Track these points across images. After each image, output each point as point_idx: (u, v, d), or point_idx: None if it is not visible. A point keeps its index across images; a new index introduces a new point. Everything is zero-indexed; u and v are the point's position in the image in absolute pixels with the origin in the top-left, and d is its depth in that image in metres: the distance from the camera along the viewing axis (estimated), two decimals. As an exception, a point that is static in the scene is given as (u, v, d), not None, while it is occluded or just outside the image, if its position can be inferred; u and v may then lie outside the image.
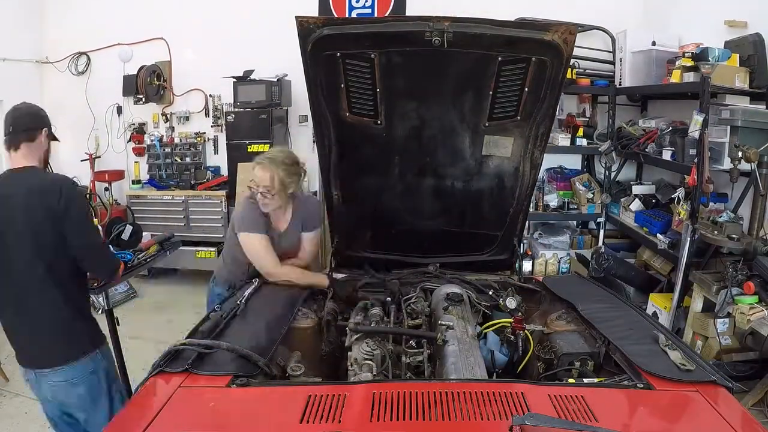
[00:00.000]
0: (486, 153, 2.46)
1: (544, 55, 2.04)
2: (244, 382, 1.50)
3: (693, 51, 3.60)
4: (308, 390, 1.46)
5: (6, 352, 3.95)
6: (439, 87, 2.24)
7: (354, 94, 2.25)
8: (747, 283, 2.98)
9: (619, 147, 4.45)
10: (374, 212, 2.73)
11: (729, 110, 3.15)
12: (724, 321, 3.15)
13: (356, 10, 5.15)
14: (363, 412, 1.34)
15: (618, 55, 4.70)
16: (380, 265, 2.70)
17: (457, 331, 1.90)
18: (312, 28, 1.98)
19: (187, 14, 5.65)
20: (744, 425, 1.35)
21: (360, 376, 1.65)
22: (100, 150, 6.01)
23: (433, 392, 1.40)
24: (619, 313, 2.04)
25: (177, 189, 5.60)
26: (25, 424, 3.14)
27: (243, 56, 5.28)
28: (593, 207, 4.89)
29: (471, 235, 2.77)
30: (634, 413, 1.46)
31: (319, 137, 2.41)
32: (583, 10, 4.79)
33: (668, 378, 1.51)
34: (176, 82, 5.85)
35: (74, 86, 5.90)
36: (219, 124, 5.77)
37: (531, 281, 2.66)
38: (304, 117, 5.59)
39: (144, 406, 1.43)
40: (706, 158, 3.26)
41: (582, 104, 5.24)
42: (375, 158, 2.52)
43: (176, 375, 1.52)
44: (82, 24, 5.82)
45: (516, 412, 1.30)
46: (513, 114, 2.29)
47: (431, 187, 2.61)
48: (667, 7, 4.70)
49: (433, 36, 1.93)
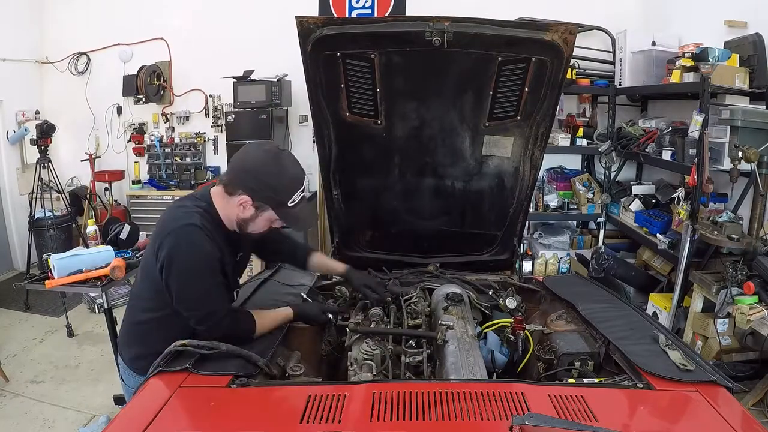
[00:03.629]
0: (486, 153, 2.46)
1: (544, 55, 2.05)
2: (244, 382, 1.50)
3: (693, 51, 3.60)
4: (308, 390, 1.45)
5: (6, 352, 3.95)
6: (439, 87, 2.24)
7: (354, 94, 2.25)
8: (747, 283, 2.98)
9: (619, 147, 4.45)
10: (374, 212, 2.73)
11: (729, 110, 3.15)
12: (724, 321, 3.15)
13: (356, 10, 5.15)
14: (363, 412, 1.34)
15: (618, 56, 4.70)
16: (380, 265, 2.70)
17: (457, 331, 1.90)
18: (312, 28, 1.98)
19: (187, 14, 5.65)
20: (744, 425, 1.35)
21: (360, 376, 1.65)
22: (100, 150, 6.02)
23: (433, 392, 1.40)
24: (619, 313, 2.03)
25: (177, 189, 5.60)
26: (25, 424, 3.14)
27: (243, 56, 5.28)
28: (593, 207, 4.89)
29: (471, 235, 2.77)
30: (634, 413, 1.46)
31: (319, 137, 2.41)
32: (583, 10, 4.79)
33: (668, 378, 1.50)
34: (176, 82, 5.86)
35: (74, 86, 5.90)
36: (219, 124, 5.77)
37: (531, 281, 2.66)
38: (304, 117, 5.59)
39: (144, 406, 1.43)
40: (706, 158, 3.27)
41: (582, 104, 5.25)
42: (375, 158, 2.52)
43: (176, 375, 1.52)
44: (82, 24, 5.83)
45: (516, 412, 1.29)
46: (513, 114, 2.30)
47: (431, 187, 2.61)
48: (667, 7, 4.71)
49: (433, 36, 1.93)
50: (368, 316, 2.07)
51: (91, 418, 3.18)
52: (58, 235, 5.34)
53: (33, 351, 4.06)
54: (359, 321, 2.03)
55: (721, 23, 3.79)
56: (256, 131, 5.13)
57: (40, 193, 5.15)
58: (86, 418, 3.19)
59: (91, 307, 4.66)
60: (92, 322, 4.51)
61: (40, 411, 3.26)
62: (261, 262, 4.84)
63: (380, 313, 2.06)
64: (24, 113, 5.74)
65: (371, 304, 2.16)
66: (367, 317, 2.07)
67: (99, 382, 3.57)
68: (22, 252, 5.57)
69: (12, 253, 5.87)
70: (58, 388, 3.53)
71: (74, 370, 3.77)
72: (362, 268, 2.73)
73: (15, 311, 4.74)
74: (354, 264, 2.81)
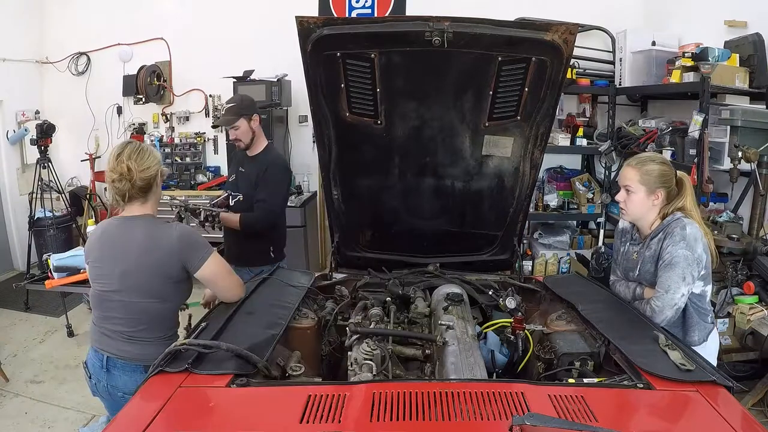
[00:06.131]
0: (486, 153, 2.46)
1: (544, 55, 2.04)
2: (244, 382, 1.50)
3: (693, 51, 3.60)
4: (308, 390, 1.45)
5: (6, 352, 3.95)
6: (439, 87, 2.24)
7: (354, 94, 2.25)
8: (747, 283, 2.98)
9: (619, 147, 4.45)
10: (374, 212, 2.73)
11: (729, 110, 3.15)
12: (724, 321, 3.14)
13: (356, 10, 5.15)
14: (363, 412, 1.34)
15: (618, 55, 4.70)
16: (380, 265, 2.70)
17: (457, 331, 1.90)
18: (312, 28, 1.98)
19: (187, 14, 5.66)
20: (744, 425, 1.35)
21: (360, 376, 1.64)
22: (100, 150, 6.02)
23: (433, 392, 1.40)
24: (619, 313, 2.03)
25: (177, 189, 5.60)
26: (25, 424, 3.14)
27: (243, 56, 5.29)
28: (593, 207, 4.89)
29: (471, 235, 2.77)
30: (634, 413, 1.46)
31: (319, 137, 2.41)
32: (583, 10, 4.79)
33: (668, 378, 1.50)
34: (176, 82, 5.86)
35: (74, 86, 5.90)
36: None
37: (531, 281, 2.66)
38: (304, 117, 5.59)
39: (144, 406, 1.43)
40: (706, 158, 3.27)
41: (582, 104, 5.25)
42: (375, 158, 2.52)
43: (176, 375, 1.52)
44: (82, 24, 5.83)
45: (516, 412, 1.29)
46: (513, 114, 2.29)
47: (431, 187, 2.61)
48: (667, 7, 4.71)
49: (433, 36, 1.93)
50: (368, 316, 2.07)
51: (91, 418, 3.18)
52: (58, 235, 5.35)
53: (33, 351, 4.06)
54: (359, 321, 2.02)
55: (721, 23, 3.79)
56: (256, 131, 5.12)
57: (40, 193, 5.15)
58: (86, 418, 3.19)
59: (91, 307, 4.65)
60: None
61: (40, 411, 3.26)
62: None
63: (380, 313, 2.06)
64: (24, 113, 5.74)
65: (371, 304, 2.16)
66: (367, 317, 2.06)
67: (99, 382, 3.57)
68: (22, 252, 5.57)
69: (12, 253, 5.87)
70: (58, 388, 3.53)
71: (74, 370, 3.76)
72: (362, 268, 2.74)
73: (15, 311, 4.75)
74: (354, 264, 2.82)
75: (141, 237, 1.92)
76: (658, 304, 1.95)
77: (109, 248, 1.95)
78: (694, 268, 1.95)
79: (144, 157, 1.94)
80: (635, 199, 2.09)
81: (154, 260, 1.90)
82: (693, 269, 1.95)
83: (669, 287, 1.94)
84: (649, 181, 2.06)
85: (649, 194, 2.07)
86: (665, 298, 1.94)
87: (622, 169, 2.20)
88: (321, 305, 2.33)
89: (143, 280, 1.91)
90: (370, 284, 2.52)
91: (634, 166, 2.11)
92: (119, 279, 1.91)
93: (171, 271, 1.93)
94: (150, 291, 1.93)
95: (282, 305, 2.10)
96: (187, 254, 1.94)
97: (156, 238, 1.92)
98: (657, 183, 2.06)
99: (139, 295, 1.92)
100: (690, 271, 1.94)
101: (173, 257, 1.92)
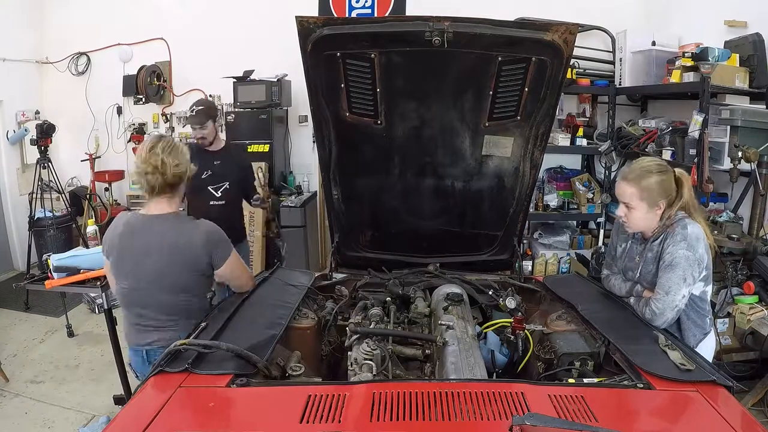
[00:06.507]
0: (486, 153, 2.46)
1: (544, 55, 2.05)
2: (244, 382, 1.50)
3: (693, 51, 3.60)
4: (308, 390, 1.45)
5: (6, 353, 3.95)
6: (439, 87, 2.24)
7: (354, 94, 2.25)
8: (747, 283, 2.98)
9: (619, 147, 4.45)
10: (374, 212, 2.73)
11: (729, 110, 3.15)
12: (724, 321, 3.14)
13: (356, 10, 5.15)
14: (363, 412, 1.34)
15: (618, 55, 4.70)
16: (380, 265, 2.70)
17: (457, 331, 1.90)
18: (312, 28, 1.98)
19: (187, 14, 5.65)
20: (744, 425, 1.35)
21: (360, 376, 1.65)
22: (100, 150, 6.02)
23: (433, 392, 1.40)
24: (619, 313, 2.04)
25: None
26: (25, 424, 3.14)
27: (243, 56, 5.28)
28: (593, 207, 4.89)
29: (471, 235, 2.77)
30: (634, 413, 1.46)
31: (319, 137, 2.41)
32: (583, 10, 4.79)
33: (668, 378, 1.50)
34: (176, 82, 5.85)
35: (74, 86, 5.90)
36: (219, 124, 5.77)
37: (531, 281, 2.66)
38: (304, 117, 5.59)
39: (144, 406, 1.43)
40: (706, 158, 3.27)
41: (582, 104, 5.24)
42: (375, 158, 2.52)
43: (176, 375, 1.52)
44: (82, 24, 5.82)
45: (516, 412, 1.29)
46: (513, 114, 2.29)
47: (431, 187, 2.61)
48: (667, 7, 4.70)
49: (433, 36, 1.93)
50: (368, 316, 2.07)
51: (91, 418, 3.18)
52: (58, 235, 5.34)
53: (33, 351, 4.06)
54: (359, 321, 2.02)
55: (721, 23, 3.78)
56: (256, 131, 5.13)
57: (40, 193, 5.15)
58: (86, 418, 3.19)
59: (91, 307, 4.66)
60: (92, 322, 4.51)
61: (40, 411, 3.26)
62: (261, 262, 4.85)
63: (380, 313, 2.06)
64: (24, 113, 5.74)
65: (371, 304, 2.16)
66: (367, 317, 2.07)
67: (99, 382, 3.57)
68: (22, 252, 5.56)
69: (12, 253, 5.87)
70: (58, 388, 3.53)
71: (74, 370, 3.76)
72: (362, 268, 2.74)
73: (15, 311, 4.74)
74: (354, 264, 2.82)
75: (172, 236, 1.96)
76: (659, 306, 1.93)
77: (139, 246, 1.98)
78: (695, 269, 1.93)
79: (177, 152, 1.99)
80: (637, 215, 2.03)
81: (186, 258, 1.96)
82: (694, 270, 1.93)
83: (669, 289, 1.92)
84: (650, 196, 1.99)
85: (651, 207, 2.01)
86: (665, 300, 1.92)
87: (618, 184, 2.10)
88: (321, 305, 2.33)
89: (177, 278, 1.97)
90: (370, 284, 2.52)
91: (631, 181, 2.02)
92: (153, 278, 1.96)
93: (202, 266, 2.00)
94: (185, 287, 2.00)
95: (282, 305, 2.10)
96: (214, 251, 2.01)
97: (186, 236, 1.97)
98: (658, 196, 2.00)
99: (173, 293, 1.98)
100: (691, 272, 1.92)
101: (203, 254, 1.98)
